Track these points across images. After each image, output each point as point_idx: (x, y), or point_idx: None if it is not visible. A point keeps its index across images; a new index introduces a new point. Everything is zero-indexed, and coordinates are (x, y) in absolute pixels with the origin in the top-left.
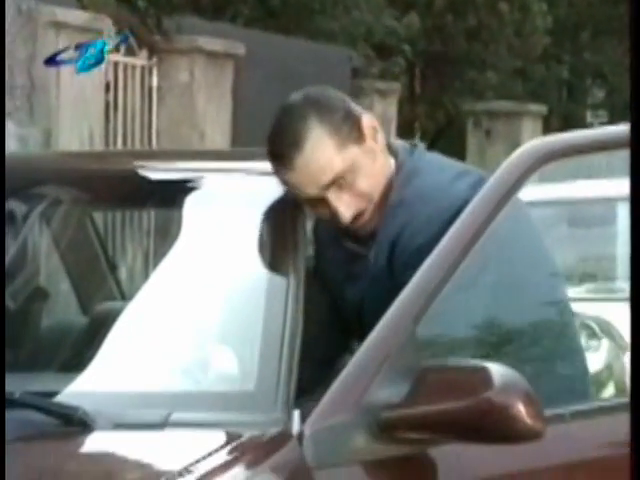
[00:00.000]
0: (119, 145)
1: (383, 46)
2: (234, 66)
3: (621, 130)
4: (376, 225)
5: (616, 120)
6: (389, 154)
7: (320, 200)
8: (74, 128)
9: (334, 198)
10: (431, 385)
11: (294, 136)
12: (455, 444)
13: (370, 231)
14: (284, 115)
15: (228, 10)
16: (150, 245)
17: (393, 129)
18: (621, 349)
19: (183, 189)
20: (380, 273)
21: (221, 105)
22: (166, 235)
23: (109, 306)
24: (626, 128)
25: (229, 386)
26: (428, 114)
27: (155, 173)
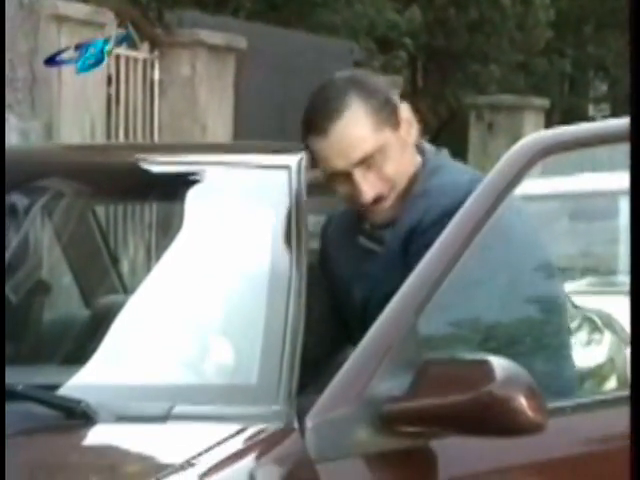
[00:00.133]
0: (121, 138)
1: (385, 39)
2: (236, 59)
3: (621, 123)
4: (393, 216)
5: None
6: (417, 151)
7: (344, 176)
8: (76, 121)
9: (360, 176)
10: (433, 378)
11: (334, 107)
12: (457, 437)
13: (386, 220)
14: (326, 87)
15: (230, 3)
16: (152, 238)
17: None
18: (623, 342)
19: (185, 182)
20: (393, 260)
21: (223, 98)
22: (168, 228)
23: (111, 299)
24: (626, 121)
25: (231, 379)
26: (430, 108)
27: (157, 166)
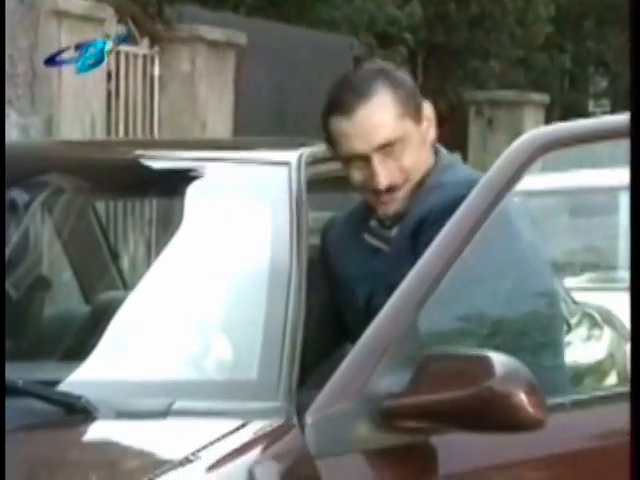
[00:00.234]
0: (121, 134)
1: (385, 35)
2: (236, 55)
3: (621, 119)
4: (404, 209)
5: (619, 109)
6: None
7: (362, 160)
8: (76, 117)
9: (378, 161)
10: (433, 374)
11: (363, 89)
12: (456, 433)
13: (396, 213)
14: (355, 72)
15: None
16: (152, 234)
17: None
18: (623, 338)
19: (185, 178)
20: (400, 254)
21: (223, 94)
22: (168, 224)
23: (111, 295)
24: (627, 117)
25: (231, 375)
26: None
27: (157, 162)
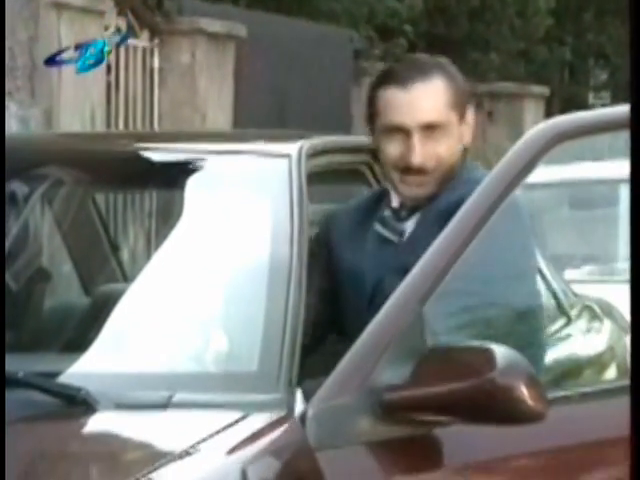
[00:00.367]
0: (120, 126)
1: (385, 27)
2: (236, 47)
3: None
4: (425, 197)
5: (619, 101)
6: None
7: (402, 133)
8: (75, 109)
9: (418, 138)
10: (434, 366)
11: (423, 68)
12: (457, 425)
13: (416, 199)
14: (416, 56)
15: None
16: (152, 227)
17: None
18: (623, 331)
19: (185, 171)
20: (421, 239)
21: (223, 86)
22: (168, 217)
23: (111, 287)
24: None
25: (232, 367)
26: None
27: (157, 154)
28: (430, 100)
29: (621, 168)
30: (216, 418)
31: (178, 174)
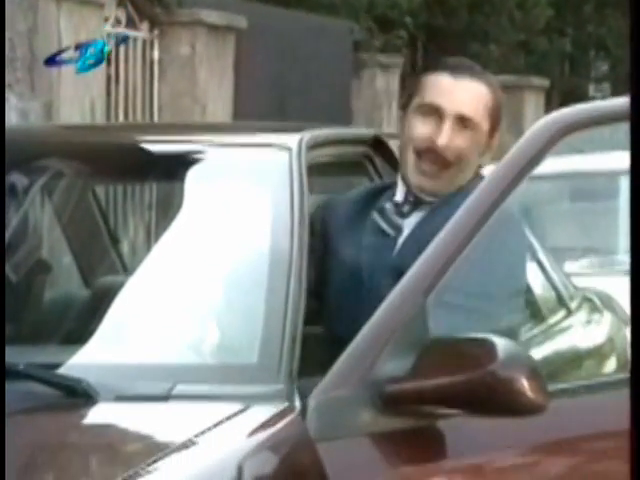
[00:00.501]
0: (120, 118)
1: (385, 19)
2: (236, 39)
3: None
4: (437, 191)
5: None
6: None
7: (436, 115)
8: (75, 101)
9: (449, 125)
10: (435, 358)
11: (475, 70)
12: (458, 417)
13: (430, 190)
14: (472, 62)
15: None
16: (152, 218)
17: (395, 102)
18: (623, 323)
19: (185, 162)
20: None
21: (223, 78)
22: (169, 208)
23: (111, 279)
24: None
25: (232, 358)
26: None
27: (157, 146)
28: (473, 97)
29: (621, 160)
30: (217, 410)
31: (178, 166)
